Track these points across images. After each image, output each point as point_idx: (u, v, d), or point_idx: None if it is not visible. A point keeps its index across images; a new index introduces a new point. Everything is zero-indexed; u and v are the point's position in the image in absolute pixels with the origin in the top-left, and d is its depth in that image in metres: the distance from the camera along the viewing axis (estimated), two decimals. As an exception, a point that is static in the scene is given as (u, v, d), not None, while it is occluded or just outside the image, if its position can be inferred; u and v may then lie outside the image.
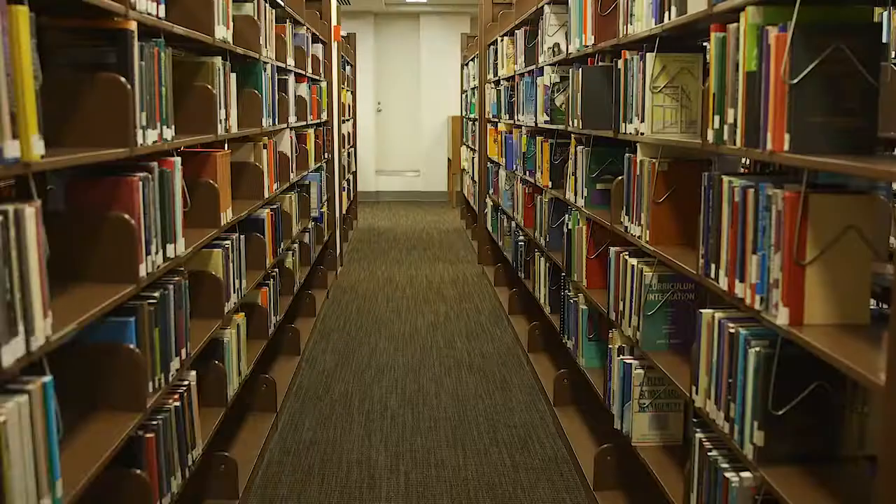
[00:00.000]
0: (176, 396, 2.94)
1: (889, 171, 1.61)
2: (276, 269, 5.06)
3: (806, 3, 1.96)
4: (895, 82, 2.21)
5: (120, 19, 2.42)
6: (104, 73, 2.40)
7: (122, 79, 2.39)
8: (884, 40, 2.14)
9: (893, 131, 2.22)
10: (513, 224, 6.94)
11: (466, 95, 11.89)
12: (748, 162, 2.99)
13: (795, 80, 1.98)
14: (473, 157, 10.19)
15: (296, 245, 5.95)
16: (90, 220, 2.48)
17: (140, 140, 2.51)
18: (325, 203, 7.75)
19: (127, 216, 2.46)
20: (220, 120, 3.55)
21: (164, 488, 2.78)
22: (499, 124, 7.87)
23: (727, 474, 2.34)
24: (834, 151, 1.99)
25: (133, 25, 2.44)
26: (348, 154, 10.73)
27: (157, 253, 2.68)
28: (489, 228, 8.77)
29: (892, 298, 1.58)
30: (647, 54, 3.09)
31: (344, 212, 9.71)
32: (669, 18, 2.84)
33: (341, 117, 9.35)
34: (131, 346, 2.54)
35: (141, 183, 2.53)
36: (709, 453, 2.48)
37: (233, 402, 3.80)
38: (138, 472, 2.57)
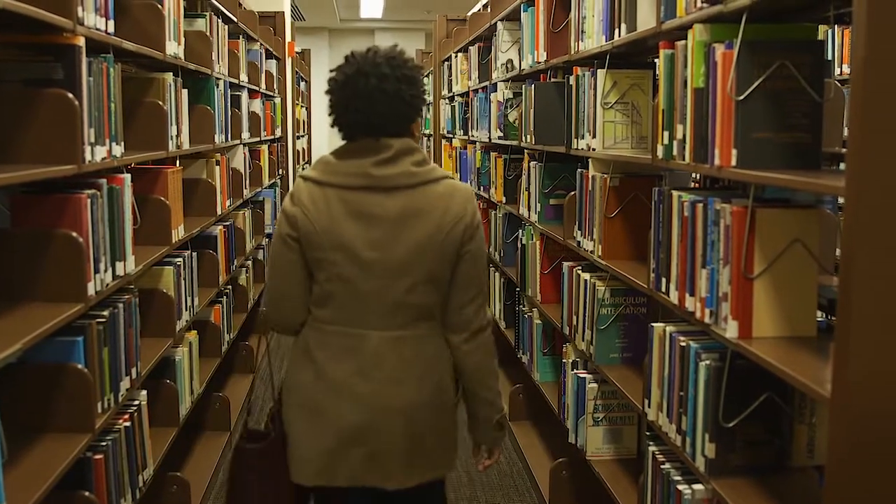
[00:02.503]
0: (126, 416, 2.90)
1: (832, 185, 1.64)
2: (230, 287, 5.02)
3: (752, 20, 2.00)
4: (838, 98, 2.25)
5: (68, 34, 2.39)
6: (51, 88, 2.37)
7: (70, 94, 2.36)
8: (828, 57, 2.17)
9: (837, 146, 2.26)
10: (468, 239, 6.94)
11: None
12: (699, 177, 3.02)
13: (742, 97, 2.01)
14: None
15: (249, 262, 5.91)
16: (37, 237, 2.44)
17: (88, 156, 2.48)
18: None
19: (74, 234, 2.43)
20: (172, 136, 3.52)
21: (114, 510, 2.73)
22: (453, 140, 7.89)
23: (680, 486, 2.36)
24: (780, 166, 2.02)
25: (81, 41, 2.42)
26: (303, 170, 10.69)
27: (106, 271, 2.64)
28: (445, 244, 8.76)
29: (838, 311, 1.61)
30: (598, 70, 3.12)
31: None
32: (619, 35, 2.87)
33: (296, 133, 9.33)
34: (79, 366, 2.49)
35: (89, 200, 2.50)
36: (661, 466, 2.50)
37: (185, 421, 3.75)
38: (87, 493, 2.52)
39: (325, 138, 15.58)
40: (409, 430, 2.28)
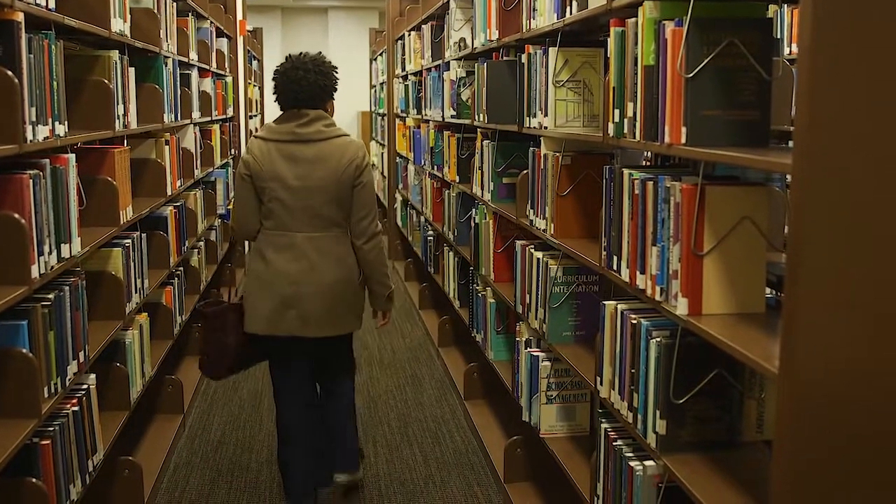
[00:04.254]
0: (74, 401, 2.85)
1: (780, 163, 1.65)
2: (181, 268, 4.95)
3: (700, -2, 2.00)
4: (787, 76, 2.26)
5: (6, 10, 2.32)
6: (-11, 66, 2.31)
7: (9, 72, 2.30)
8: (776, 35, 2.18)
9: (786, 124, 2.28)
10: (422, 219, 6.94)
11: (375, 90, 11.84)
12: (651, 155, 3.03)
13: (691, 74, 2.01)
14: (383, 153, 10.16)
15: (202, 243, 5.83)
16: (-23, 219, 2.38)
17: (30, 136, 2.43)
18: (232, 200, 7.61)
19: (17, 215, 2.37)
20: (118, 115, 3.45)
21: (63, 495, 2.69)
22: (407, 119, 7.85)
23: (632, 463, 2.37)
24: (729, 144, 2.02)
25: (20, 16, 2.35)
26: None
27: (50, 253, 2.59)
28: (399, 223, 8.75)
29: (786, 287, 1.62)
30: (550, 49, 3.11)
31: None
32: (571, 13, 2.86)
33: (248, 113, 9.22)
34: (24, 350, 2.45)
35: (31, 181, 2.44)
36: (614, 443, 2.51)
37: (136, 404, 3.71)
38: (34, 480, 2.48)
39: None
40: (323, 298, 3.39)
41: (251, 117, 9.89)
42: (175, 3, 4.91)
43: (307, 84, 3.37)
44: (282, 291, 3.36)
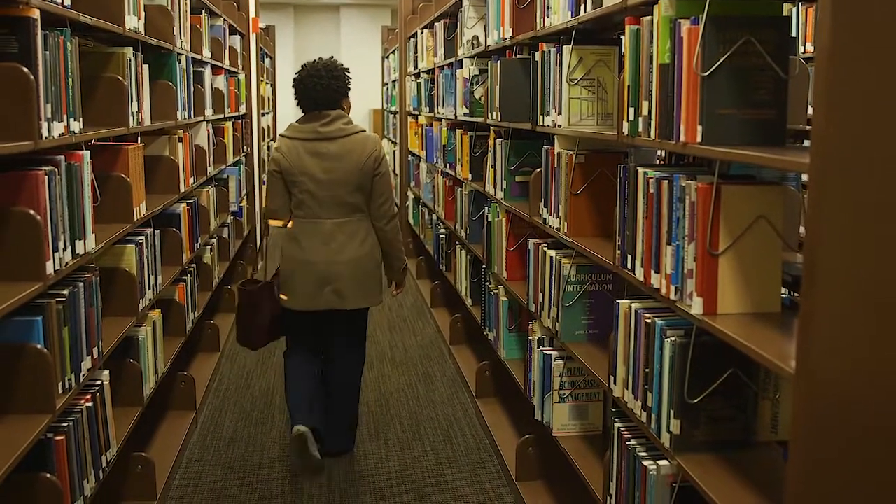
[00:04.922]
0: (88, 397, 2.86)
1: (797, 162, 1.64)
2: (194, 265, 4.97)
3: (717, -5, 1.99)
4: (803, 75, 2.25)
5: (22, 7, 2.33)
6: (5, 62, 2.31)
7: (25, 69, 2.30)
8: (792, 34, 2.17)
9: (802, 123, 2.27)
10: (434, 217, 6.93)
11: (387, 88, 11.84)
12: (664, 153, 3.02)
13: (707, 73, 2.00)
14: (395, 150, 10.16)
15: (214, 240, 5.85)
16: (-7, 215, 2.39)
17: (45, 133, 2.43)
18: (245, 197, 7.64)
19: (32, 212, 2.38)
20: (132, 112, 3.46)
21: (77, 491, 2.70)
22: (419, 117, 7.84)
23: (645, 462, 2.37)
24: (745, 142, 2.02)
25: (36, 13, 2.36)
26: (268, 147, 10.59)
27: (65, 249, 2.60)
28: (411, 221, 8.74)
29: (803, 287, 1.61)
30: (564, 47, 3.10)
31: (264, 206, 9.56)
32: (585, 11, 2.86)
33: (260, 110, 9.23)
34: (38, 346, 2.46)
35: (47, 177, 2.45)
36: (627, 442, 2.51)
37: (149, 400, 3.72)
38: (48, 475, 2.49)
39: (291, 115, 15.44)
40: (354, 274, 3.89)
41: (264, 114, 9.90)
42: (188, 1, 4.91)
43: (322, 89, 3.82)
44: (318, 271, 3.84)
